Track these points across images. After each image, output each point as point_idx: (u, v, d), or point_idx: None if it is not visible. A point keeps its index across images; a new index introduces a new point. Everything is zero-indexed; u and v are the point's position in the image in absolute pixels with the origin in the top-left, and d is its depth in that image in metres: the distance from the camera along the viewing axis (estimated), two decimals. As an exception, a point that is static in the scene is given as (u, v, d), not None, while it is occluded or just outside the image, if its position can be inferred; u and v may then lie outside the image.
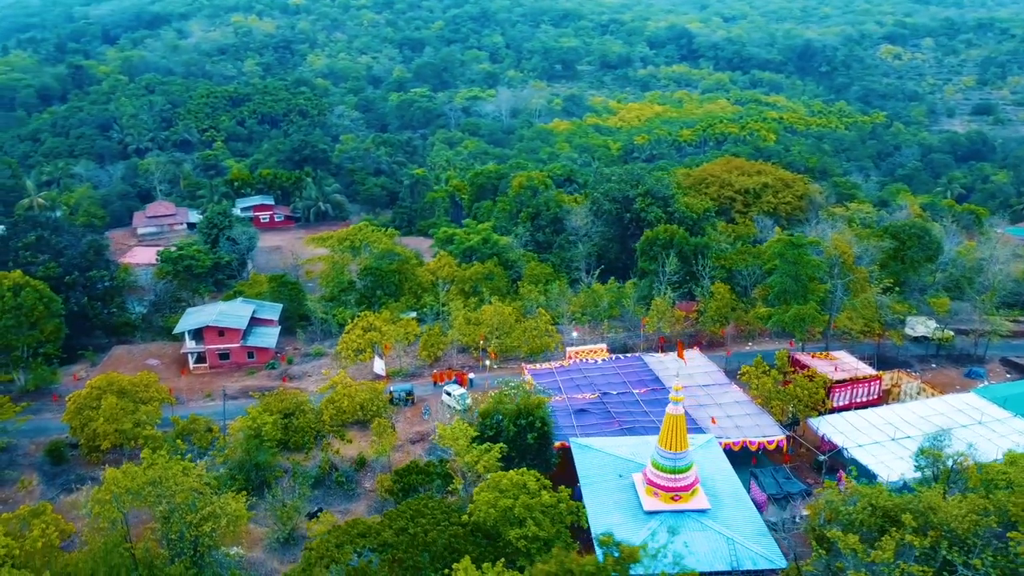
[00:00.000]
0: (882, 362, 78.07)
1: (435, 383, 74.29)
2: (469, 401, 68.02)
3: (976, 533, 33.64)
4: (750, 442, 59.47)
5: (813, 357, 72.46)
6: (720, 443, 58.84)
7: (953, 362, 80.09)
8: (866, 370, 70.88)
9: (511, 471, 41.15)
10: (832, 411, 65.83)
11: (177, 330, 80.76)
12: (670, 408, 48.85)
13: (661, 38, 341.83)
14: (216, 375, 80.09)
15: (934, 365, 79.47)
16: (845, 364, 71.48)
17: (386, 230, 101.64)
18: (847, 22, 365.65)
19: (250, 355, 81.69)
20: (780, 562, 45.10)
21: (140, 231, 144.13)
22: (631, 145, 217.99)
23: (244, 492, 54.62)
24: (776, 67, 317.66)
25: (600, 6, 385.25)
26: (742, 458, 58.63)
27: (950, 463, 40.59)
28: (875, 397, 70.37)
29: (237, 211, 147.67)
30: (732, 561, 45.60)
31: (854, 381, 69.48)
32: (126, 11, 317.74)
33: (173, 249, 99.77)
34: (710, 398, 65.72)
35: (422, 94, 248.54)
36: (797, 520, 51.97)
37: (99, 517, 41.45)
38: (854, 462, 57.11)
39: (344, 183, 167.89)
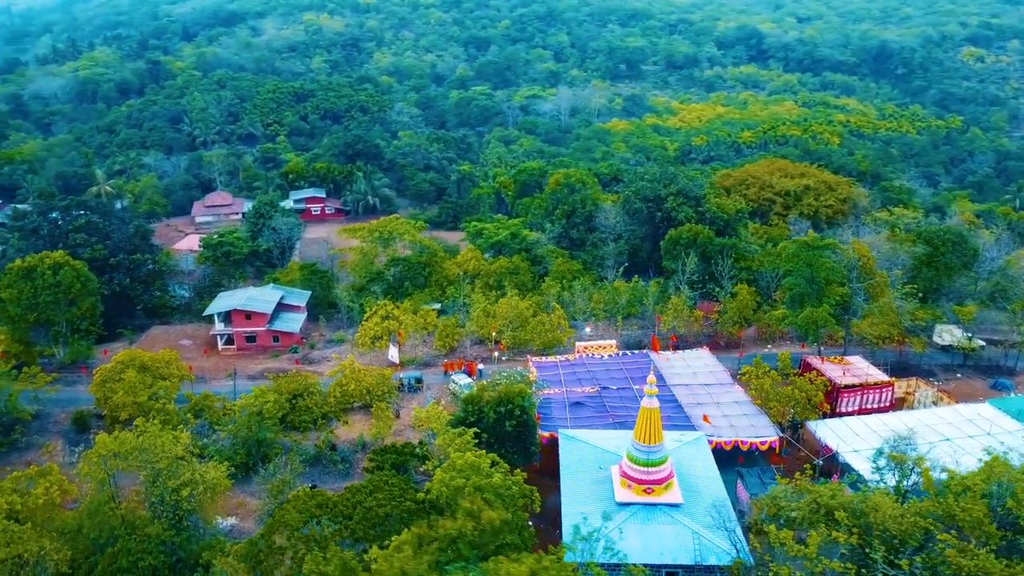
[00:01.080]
0: (903, 370, 76.17)
1: (446, 372, 75.97)
2: (474, 390, 69.38)
3: (913, 535, 33.26)
4: (742, 442, 59.21)
5: (824, 361, 71.37)
6: (711, 441, 58.82)
7: (981, 373, 77.51)
8: (878, 376, 69.43)
9: (468, 453, 42.31)
10: (837, 416, 65.09)
11: (207, 312, 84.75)
12: (644, 402, 49.31)
13: (730, 38, 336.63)
14: (242, 356, 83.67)
15: (959, 375, 77.06)
16: (857, 369, 70.17)
17: (416, 223, 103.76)
18: (929, 23, 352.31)
19: (275, 339, 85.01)
20: (747, 558, 45.12)
21: (198, 219, 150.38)
22: (689, 146, 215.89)
23: (243, 465, 57.97)
24: (849, 69, 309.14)
25: (670, 5, 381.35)
26: (739, 458, 58.66)
27: (911, 467, 39.91)
28: (887, 404, 68.85)
29: (290, 203, 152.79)
30: (696, 556, 45.84)
31: (864, 387, 68.18)
32: (205, 9, 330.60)
33: (215, 236, 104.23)
34: (710, 397, 65.56)
35: (482, 92, 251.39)
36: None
37: (88, 477, 44.33)
38: (848, 467, 56.37)
39: (396, 178, 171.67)
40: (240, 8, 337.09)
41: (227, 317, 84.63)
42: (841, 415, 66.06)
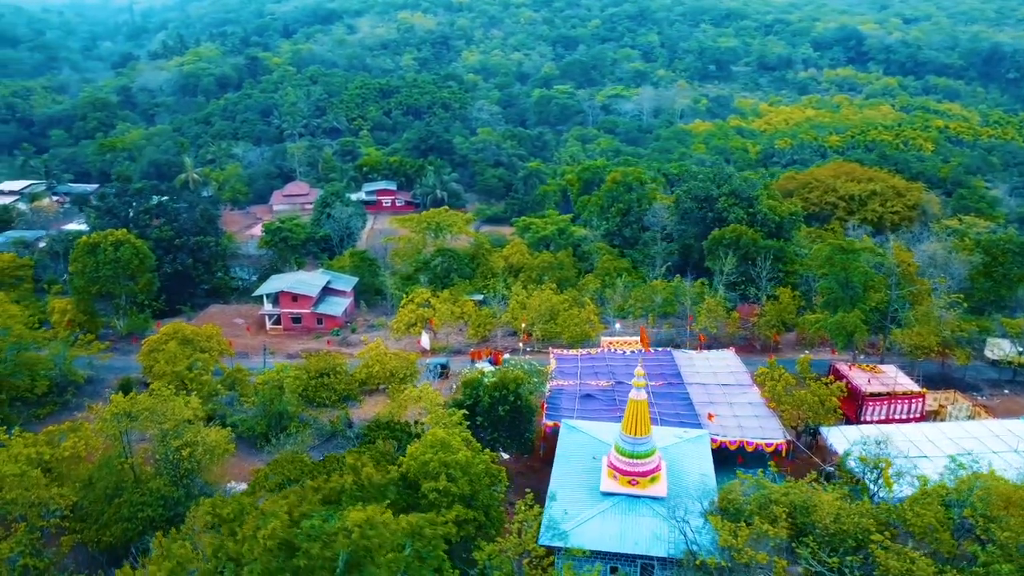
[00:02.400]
0: (945, 383, 73.20)
1: (472, 360, 77.75)
2: (495, 379, 70.89)
3: (851, 535, 32.85)
4: (747, 442, 58.62)
5: (852, 368, 69.50)
6: (716, 440, 58.51)
7: (1031, 390, 73.75)
8: (909, 386, 67.12)
9: (439, 430, 43.86)
10: (862, 424, 63.43)
11: (256, 293, 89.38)
12: (632, 394, 49.66)
13: (828, 39, 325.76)
14: (287, 336, 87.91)
15: (1007, 391, 73.48)
16: (886, 378, 68.01)
17: (464, 216, 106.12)
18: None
19: (319, 321, 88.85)
20: (710, 551, 44.97)
21: (275, 208, 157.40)
22: (771, 149, 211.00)
23: (263, 435, 61.32)
24: (955, 73, 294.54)
25: (766, 5, 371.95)
26: (739, 458, 58.13)
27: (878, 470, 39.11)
28: (917, 416, 66.51)
29: (362, 194, 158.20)
30: (670, 549, 45.97)
31: (892, 396, 66.13)
32: (306, 7, 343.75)
33: (275, 222, 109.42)
34: (725, 397, 64.98)
35: (564, 91, 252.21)
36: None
37: (100, 432, 48.25)
38: (852, 472, 55.00)
39: (468, 174, 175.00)
40: (340, 7, 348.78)
41: (276, 298, 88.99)
42: (866, 424, 64.44)
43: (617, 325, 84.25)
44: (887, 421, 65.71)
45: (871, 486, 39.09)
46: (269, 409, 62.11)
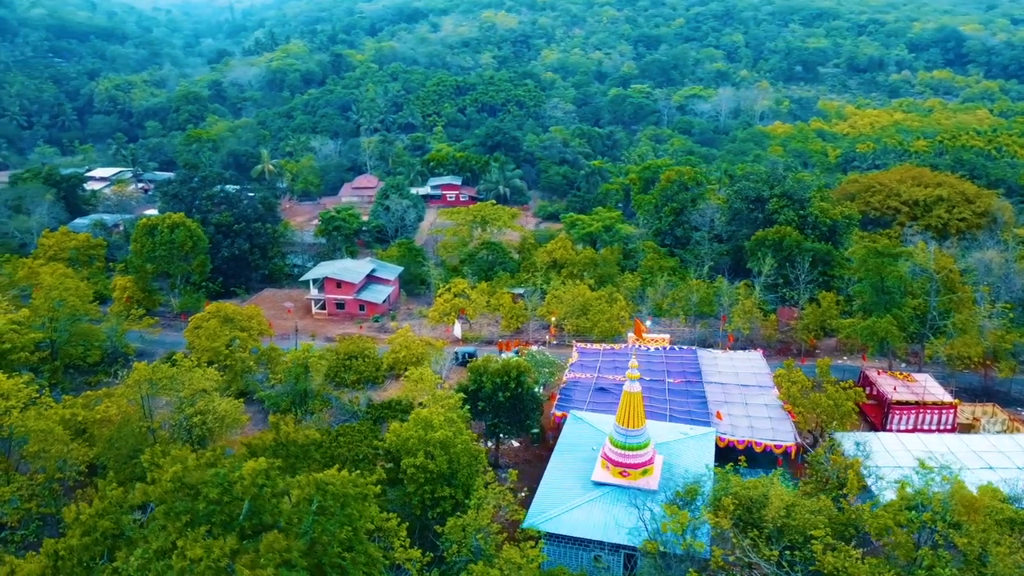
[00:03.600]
0: (987, 395, 70.30)
1: (500, 350, 79.06)
2: (545, 370, 72.01)
3: (796, 530, 32.66)
4: (756, 443, 57.96)
5: (881, 374, 67.60)
6: (724, 439, 58.21)
7: (1084, 407, 69.85)
8: (940, 396, 64.83)
9: (424, 410, 45.33)
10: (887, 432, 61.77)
11: (303, 278, 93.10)
12: (627, 386, 50.12)
13: (925, 40, 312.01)
14: (330, 321, 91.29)
15: (1056, 407, 69.91)
16: (917, 387, 65.89)
17: (510, 211, 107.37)
18: None
19: (361, 307, 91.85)
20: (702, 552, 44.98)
21: (344, 199, 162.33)
22: (852, 153, 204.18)
23: (288, 411, 64.24)
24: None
25: (861, 5, 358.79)
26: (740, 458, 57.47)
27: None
28: (948, 427, 64.31)
29: (427, 188, 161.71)
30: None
31: (921, 406, 64.13)
32: (393, 6, 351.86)
33: (330, 212, 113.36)
34: (741, 397, 64.31)
35: (640, 90, 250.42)
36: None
37: (123, 397, 51.84)
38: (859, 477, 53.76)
39: (534, 171, 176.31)
40: (426, 6, 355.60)
41: (322, 284, 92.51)
42: (891, 432, 62.72)
43: (648, 322, 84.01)
44: (915, 431, 63.80)
45: (873, 488, 38.34)
46: (294, 387, 65.00)
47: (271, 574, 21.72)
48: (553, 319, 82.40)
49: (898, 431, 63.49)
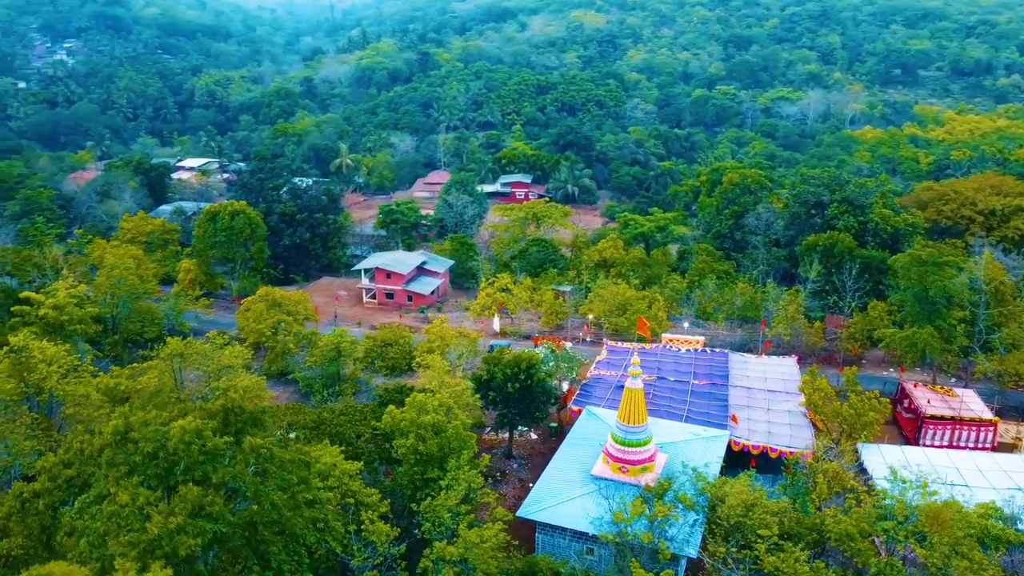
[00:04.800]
0: (1037, 415, 66.84)
1: (535, 345, 79.94)
2: (552, 365, 72.95)
3: (750, 529, 32.56)
4: (771, 448, 57.05)
5: (916, 387, 65.18)
6: (738, 443, 57.58)
7: None
8: (979, 413, 62.07)
9: (419, 394, 46.83)
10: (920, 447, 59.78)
11: (355, 268, 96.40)
12: (628, 383, 50.45)
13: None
14: (379, 310, 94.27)
15: (1115, 431, 65.65)
16: (955, 402, 63.26)
17: (562, 208, 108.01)
18: None
19: (409, 298, 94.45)
20: (691, 551, 44.93)
21: (416, 194, 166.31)
22: (946, 160, 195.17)
23: (314, 390, 67.18)
24: None
25: (971, 5, 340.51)
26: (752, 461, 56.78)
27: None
28: (987, 445, 61.55)
29: (497, 185, 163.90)
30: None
31: (957, 422, 61.62)
32: (483, 5, 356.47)
33: (391, 205, 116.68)
34: (765, 403, 63.29)
35: (725, 92, 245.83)
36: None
37: (155, 368, 55.50)
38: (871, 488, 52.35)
39: (607, 171, 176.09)
40: (516, 5, 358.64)
41: (373, 274, 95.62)
42: (924, 447, 60.57)
43: (686, 324, 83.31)
44: (950, 447, 61.41)
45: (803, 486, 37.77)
46: (326, 370, 67.87)
47: (182, 521, 23.68)
48: (590, 316, 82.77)
49: (932, 446, 61.23)
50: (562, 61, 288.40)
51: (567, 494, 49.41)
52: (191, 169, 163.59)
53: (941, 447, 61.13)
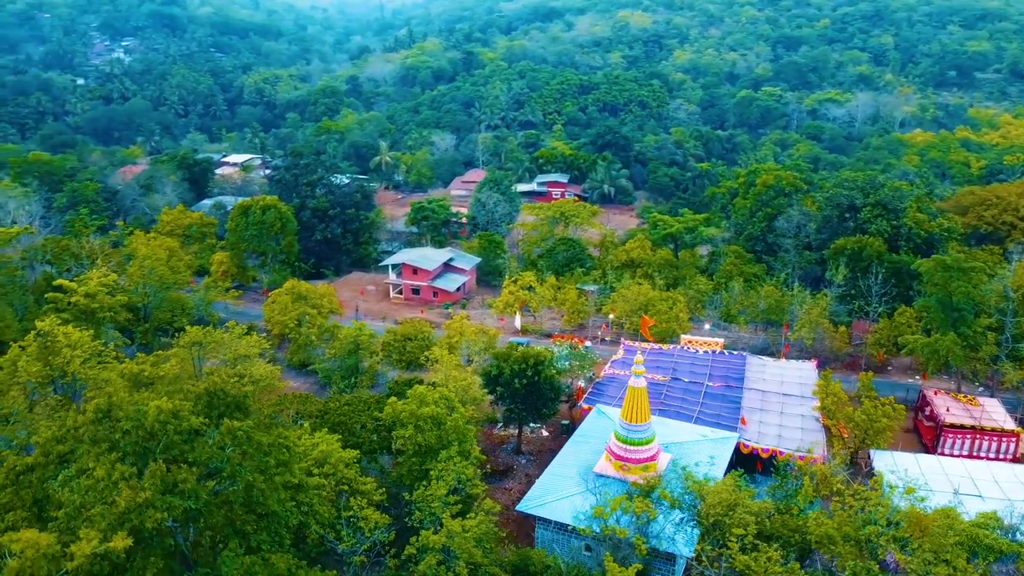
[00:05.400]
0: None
1: (554, 343, 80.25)
2: (576, 363, 73.27)
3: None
4: (780, 452, 56.49)
5: (937, 394, 63.86)
6: (748, 446, 57.21)
7: None
8: (1001, 423, 60.60)
9: (420, 387, 47.59)
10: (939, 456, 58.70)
11: (382, 263, 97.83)
12: (631, 381, 50.49)
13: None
14: (405, 305, 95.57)
15: None
16: (977, 411, 61.86)
17: (589, 208, 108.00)
18: None
19: (435, 294, 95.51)
20: (685, 551, 44.89)
21: (453, 192, 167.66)
22: (998, 165, 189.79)
23: (332, 381, 68.51)
24: None
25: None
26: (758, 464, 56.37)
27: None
28: (1009, 456, 60.11)
29: (534, 185, 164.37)
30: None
31: (978, 431, 60.30)
32: (530, 5, 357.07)
33: (422, 202, 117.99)
34: (779, 406, 62.70)
35: (771, 93, 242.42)
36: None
37: (175, 356, 57.32)
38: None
39: (645, 171, 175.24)
40: (563, 5, 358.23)
41: (400, 270, 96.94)
42: (942, 456, 59.39)
43: (707, 326, 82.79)
44: (970, 457, 60.09)
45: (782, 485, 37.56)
46: (344, 362, 69.18)
47: (150, 496, 24.74)
48: (611, 316, 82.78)
49: (950, 455, 59.99)
50: (607, 61, 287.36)
51: (567, 490, 49.68)
52: (235, 165, 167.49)
53: (960, 457, 59.89)
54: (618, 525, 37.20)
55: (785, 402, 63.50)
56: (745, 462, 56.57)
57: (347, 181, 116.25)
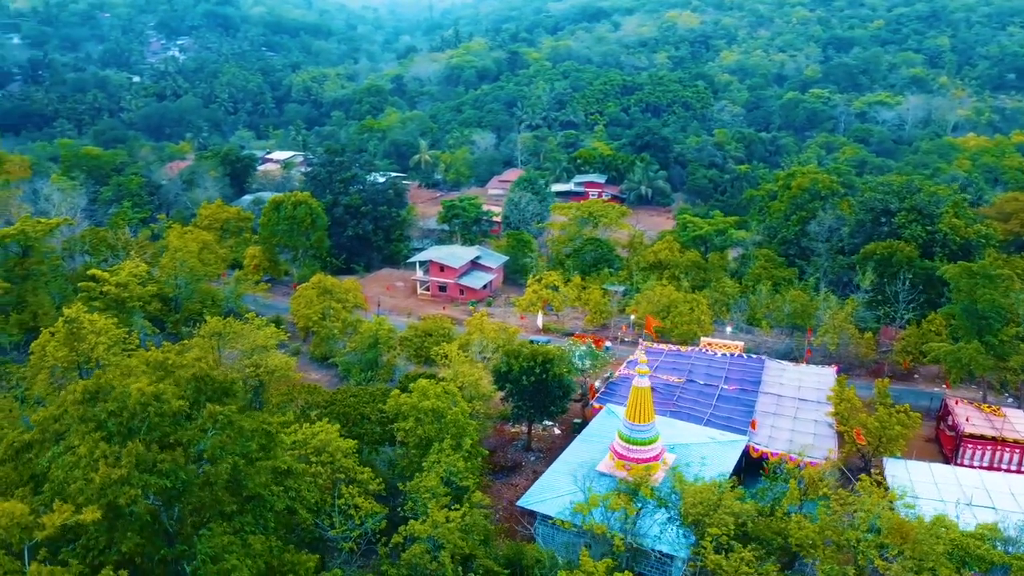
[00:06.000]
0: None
1: (572, 343, 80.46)
2: (588, 362, 73.49)
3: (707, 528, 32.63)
4: (789, 457, 55.89)
5: (958, 404, 62.40)
6: (757, 449, 56.80)
7: None
8: (1023, 435, 59.03)
9: (423, 380, 48.37)
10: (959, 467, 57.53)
11: (410, 260, 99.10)
12: (635, 381, 50.63)
13: None
14: (432, 302, 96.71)
15: None
16: (1000, 422, 60.32)
17: (619, 209, 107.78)
18: None
19: (461, 291, 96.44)
20: (681, 552, 44.88)
21: (490, 192, 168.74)
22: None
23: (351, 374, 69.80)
24: None
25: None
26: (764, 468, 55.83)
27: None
28: (1033, 470, 58.51)
29: (571, 185, 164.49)
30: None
31: (1000, 443, 58.82)
32: (577, 5, 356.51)
33: (452, 200, 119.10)
34: (793, 411, 62.17)
35: (818, 95, 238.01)
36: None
37: (196, 345, 59.07)
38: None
39: (684, 173, 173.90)
40: (611, 5, 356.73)
41: (428, 267, 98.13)
42: (959, 466, 58.19)
43: (729, 329, 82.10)
44: (991, 468, 58.71)
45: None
46: (363, 356, 70.45)
47: (125, 473, 25.88)
48: (632, 316, 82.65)
49: (970, 466, 58.67)
50: (652, 62, 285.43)
51: (566, 488, 49.86)
52: (277, 162, 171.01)
53: (980, 468, 58.53)
54: (604, 522, 37.46)
55: (800, 407, 62.85)
56: (756, 466, 56.11)
57: (381, 179, 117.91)
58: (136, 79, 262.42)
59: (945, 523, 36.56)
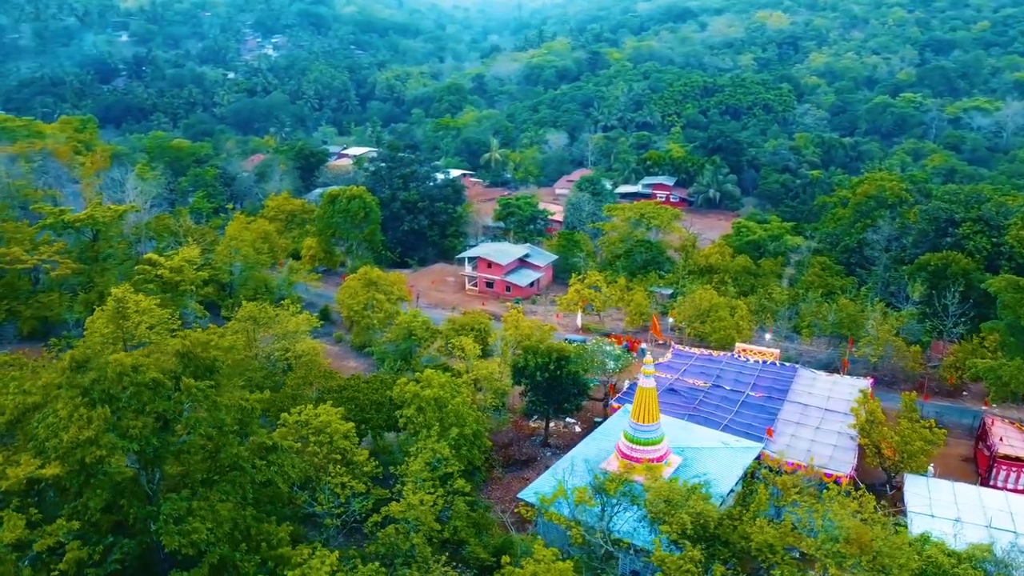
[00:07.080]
0: None
1: (608, 343, 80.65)
2: (621, 363, 73.75)
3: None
4: (804, 467, 54.90)
5: (994, 423, 59.79)
6: (773, 458, 55.94)
7: None
8: (1064, 459, 56.17)
9: (429, 370, 49.87)
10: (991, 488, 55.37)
11: (458, 256, 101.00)
12: (640, 381, 50.90)
13: None
14: (479, 297, 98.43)
15: None
16: (1036, 443, 57.59)
17: (672, 211, 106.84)
18: None
19: (508, 288, 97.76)
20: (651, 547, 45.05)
21: (557, 191, 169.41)
22: None
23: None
24: None
25: None
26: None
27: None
28: (1069, 497, 55.58)
29: (638, 187, 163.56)
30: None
31: (1036, 466, 56.24)
32: (664, 5, 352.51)
33: (510, 198, 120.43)
34: (817, 421, 60.86)
35: (910, 99, 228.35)
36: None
37: (231, 330, 62.28)
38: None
39: (758, 177, 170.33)
40: (699, 6, 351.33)
41: (476, 263, 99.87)
42: (994, 488, 55.91)
43: (768, 335, 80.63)
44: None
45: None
46: (398, 346, 72.65)
47: (92, 435, 28.24)
48: (670, 320, 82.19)
49: (1003, 489, 56.26)
50: (737, 63, 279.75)
51: (569, 484, 50.55)
52: (352, 157, 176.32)
53: (1014, 491, 56.06)
54: (573, 516, 38.32)
55: (825, 418, 61.48)
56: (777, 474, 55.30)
57: (441, 176, 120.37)
58: (231, 75, 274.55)
59: (930, 540, 35.78)
